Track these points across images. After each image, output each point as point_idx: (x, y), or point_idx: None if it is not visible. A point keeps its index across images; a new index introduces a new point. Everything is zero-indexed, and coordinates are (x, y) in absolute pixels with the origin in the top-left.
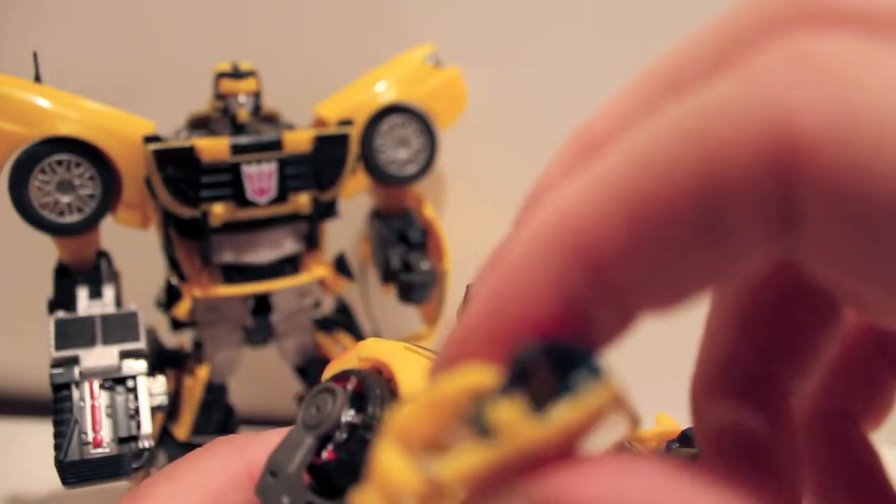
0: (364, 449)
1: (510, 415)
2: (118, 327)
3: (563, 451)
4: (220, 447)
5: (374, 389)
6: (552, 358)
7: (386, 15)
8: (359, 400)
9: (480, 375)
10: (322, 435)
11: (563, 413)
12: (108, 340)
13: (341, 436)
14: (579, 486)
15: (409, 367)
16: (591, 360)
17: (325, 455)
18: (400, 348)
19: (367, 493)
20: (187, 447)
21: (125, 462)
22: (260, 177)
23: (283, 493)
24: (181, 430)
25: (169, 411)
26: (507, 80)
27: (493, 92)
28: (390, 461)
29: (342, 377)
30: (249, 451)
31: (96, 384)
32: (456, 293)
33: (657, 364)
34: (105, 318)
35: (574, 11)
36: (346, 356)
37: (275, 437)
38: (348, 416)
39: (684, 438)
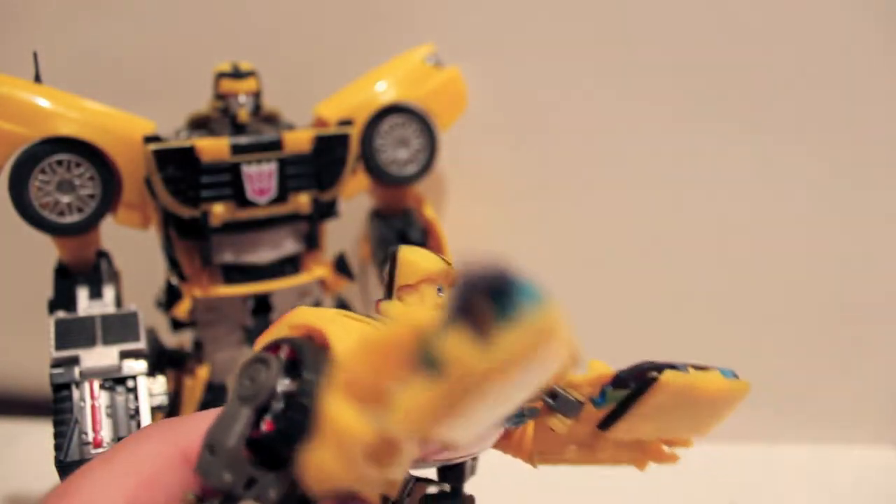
0: (303, 416)
1: (457, 346)
2: (118, 327)
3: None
4: (153, 430)
5: (307, 355)
6: (490, 286)
7: (386, 15)
8: (292, 367)
9: (422, 315)
10: (258, 406)
11: (509, 338)
12: (108, 340)
13: (278, 405)
14: None
15: (343, 331)
16: (529, 285)
17: (263, 427)
18: (333, 314)
19: (319, 449)
20: None
21: None
22: (260, 177)
23: (223, 469)
24: None
25: (169, 411)
26: (507, 80)
27: (493, 92)
28: (340, 413)
29: (273, 347)
30: (183, 432)
31: (96, 384)
32: None
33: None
34: (105, 318)
35: (574, 12)
36: (276, 326)
37: (208, 417)
38: (283, 384)
39: (618, 381)
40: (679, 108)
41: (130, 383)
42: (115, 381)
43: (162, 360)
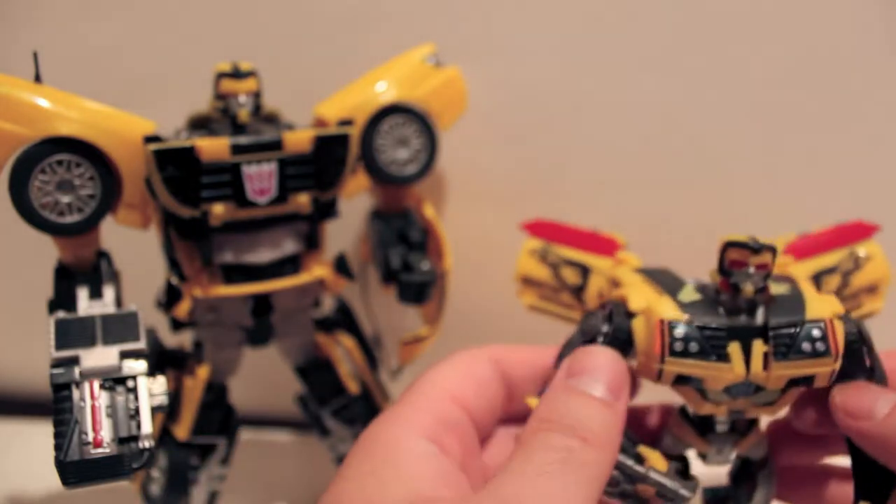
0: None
1: None
2: (118, 327)
3: None
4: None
5: (618, 309)
6: None
7: (386, 15)
8: (609, 318)
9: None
10: (587, 340)
11: None
12: (108, 340)
13: (600, 338)
14: None
15: (638, 294)
16: None
17: None
18: (637, 281)
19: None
20: (187, 447)
21: (125, 462)
22: (260, 177)
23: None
24: (181, 430)
25: (169, 411)
26: (507, 80)
27: (493, 92)
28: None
29: (602, 305)
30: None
31: (96, 384)
32: (456, 293)
33: None
34: (105, 319)
35: (574, 11)
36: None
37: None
38: (605, 326)
39: None
40: (680, 108)
41: (130, 383)
42: (115, 381)
43: (162, 360)
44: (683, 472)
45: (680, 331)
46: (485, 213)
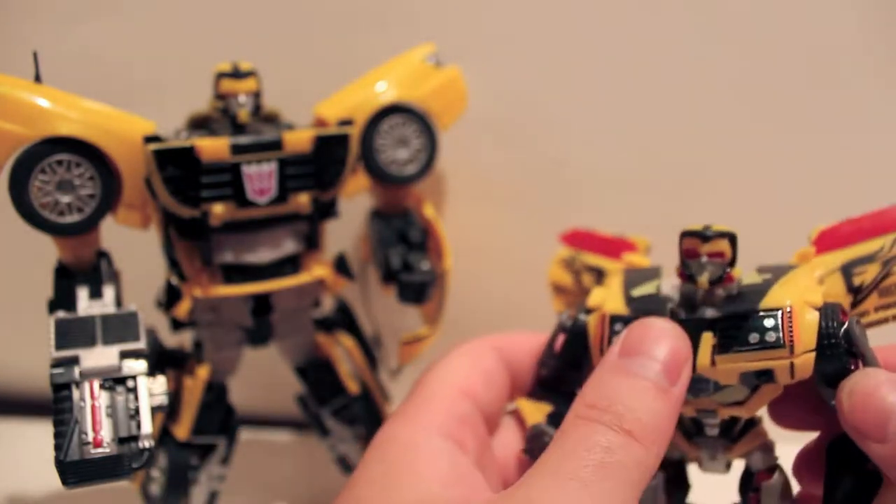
0: (579, 336)
1: None
2: (118, 327)
3: None
4: (480, 342)
5: (581, 308)
6: None
7: (386, 15)
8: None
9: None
10: (558, 333)
11: None
12: (108, 340)
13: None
14: None
15: (595, 294)
16: None
17: (559, 341)
18: (613, 283)
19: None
20: (187, 447)
21: (125, 462)
22: (260, 177)
23: (542, 366)
24: (181, 430)
25: (169, 411)
26: (507, 80)
27: (493, 92)
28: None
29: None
30: (505, 345)
31: (96, 384)
32: (456, 293)
33: None
34: (105, 318)
35: (574, 11)
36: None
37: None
38: (569, 323)
39: None
40: (681, 108)
41: (130, 383)
42: (115, 380)
43: (162, 360)
44: (676, 479)
45: (619, 325)
46: (485, 213)
